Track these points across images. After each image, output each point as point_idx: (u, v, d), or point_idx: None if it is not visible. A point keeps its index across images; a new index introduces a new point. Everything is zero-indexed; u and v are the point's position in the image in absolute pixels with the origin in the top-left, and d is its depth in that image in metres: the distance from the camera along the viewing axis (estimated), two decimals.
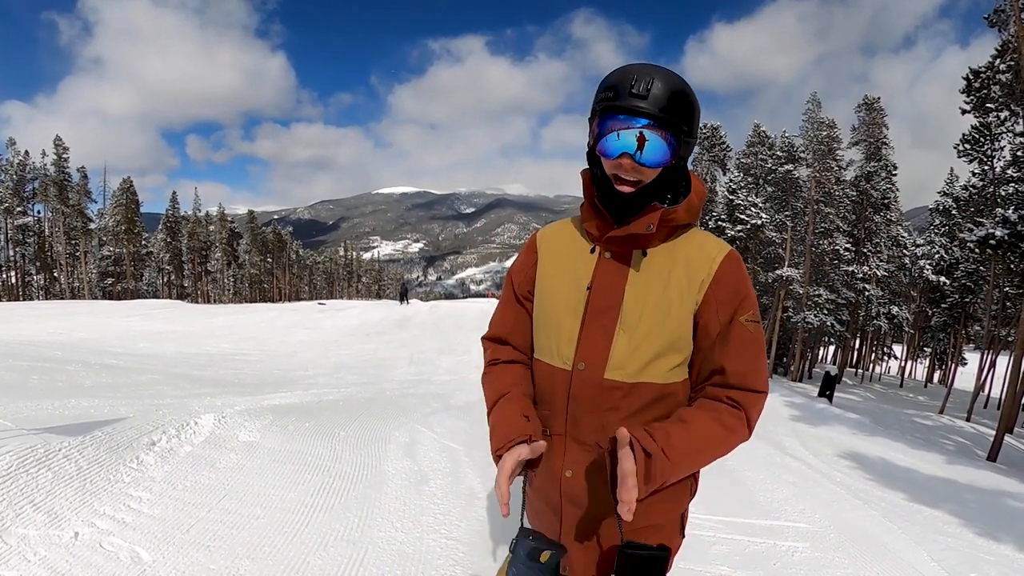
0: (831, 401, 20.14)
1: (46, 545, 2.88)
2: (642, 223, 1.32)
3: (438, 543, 3.56)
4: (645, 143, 1.24)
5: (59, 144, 52.09)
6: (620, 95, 1.25)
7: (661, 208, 1.33)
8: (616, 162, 1.28)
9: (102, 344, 13.22)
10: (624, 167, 1.28)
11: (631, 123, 1.24)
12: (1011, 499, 7.89)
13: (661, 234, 1.38)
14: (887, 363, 48.71)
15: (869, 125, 35.72)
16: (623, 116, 1.25)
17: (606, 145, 1.28)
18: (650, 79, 1.24)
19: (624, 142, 1.25)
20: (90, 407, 5.43)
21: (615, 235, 1.36)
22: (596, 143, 1.31)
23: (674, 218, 1.36)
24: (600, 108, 1.29)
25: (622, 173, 1.29)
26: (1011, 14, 16.84)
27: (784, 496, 5.60)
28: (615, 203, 1.36)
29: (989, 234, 15.39)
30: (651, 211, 1.33)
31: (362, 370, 16.13)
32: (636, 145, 1.25)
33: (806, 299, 32.55)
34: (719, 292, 1.34)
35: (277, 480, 4.30)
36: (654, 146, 1.25)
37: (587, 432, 1.41)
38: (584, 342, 1.40)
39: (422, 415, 7.33)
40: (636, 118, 1.24)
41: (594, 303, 1.40)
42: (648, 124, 1.24)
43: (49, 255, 53.39)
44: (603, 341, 1.38)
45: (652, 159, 1.26)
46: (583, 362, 1.39)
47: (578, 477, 1.43)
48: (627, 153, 1.25)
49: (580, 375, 1.40)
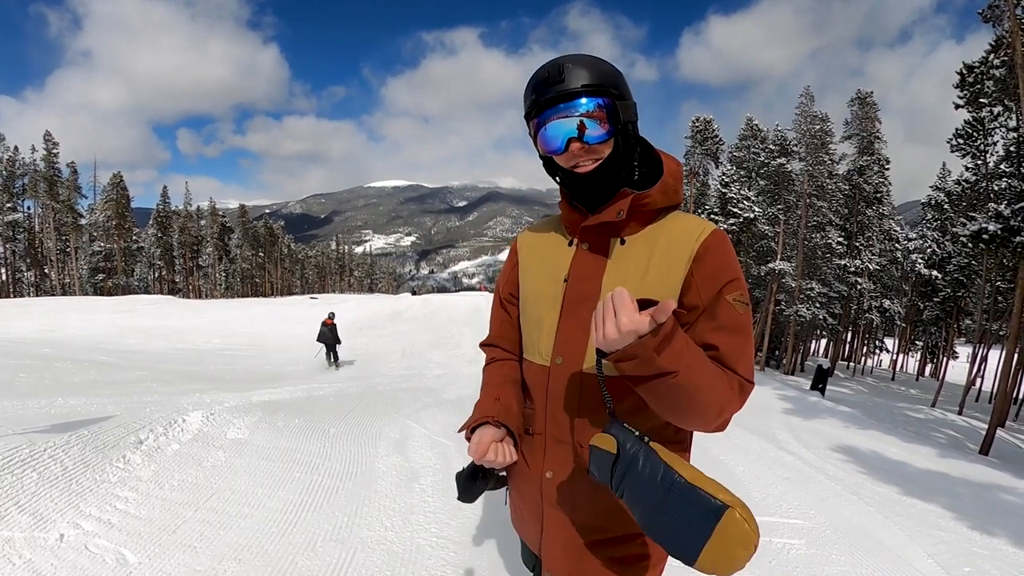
0: (823, 394, 20.22)
1: (31, 547, 2.83)
2: (612, 211, 1.30)
3: (428, 542, 3.52)
4: (585, 128, 1.24)
5: (49, 139, 51.76)
6: (541, 91, 1.25)
7: (632, 193, 1.30)
8: (568, 153, 1.27)
9: (92, 341, 13.13)
10: (576, 152, 1.26)
11: (565, 111, 1.24)
12: (1004, 493, 7.91)
13: (639, 219, 1.34)
14: (879, 356, 48.85)
15: (862, 119, 35.79)
16: (557, 107, 1.24)
17: (550, 142, 1.27)
18: (559, 65, 1.24)
19: (564, 130, 1.25)
20: (77, 405, 5.38)
21: (588, 224, 1.34)
22: (542, 147, 1.30)
23: (648, 202, 1.32)
24: (533, 112, 1.28)
25: (577, 159, 1.28)
26: (1005, 9, 16.84)
27: (779, 492, 5.59)
28: (586, 194, 1.34)
29: (982, 229, 15.40)
30: (621, 197, 1.31)
31: (354, 364, 16.09)
32: (577, 128, 1.24)
33: (798, 292, 32.63)
34: (702, 270, 1.27)
35: (266, 478, 4.25)
36: (594, 122, 1.24)
37: (567, 430, 1.37)
38: (562, 335, 1.37)
39: (413, 410, 7.29)
40: (567, 104, 1.23)
41: (571, 294, 1.37)
42: (583, 109, 1.23)
43: (39, 251, 53.07)
44: (581, 333, 1.34)
45: (598, 134, 1.25)
46: (561, 356, 1.36)
47: (559, 478, 1.39)
48: (572, 138, 1.25)
49: (558, 370, 1.37)
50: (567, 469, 1.38)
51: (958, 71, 19.62)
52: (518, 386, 1.54)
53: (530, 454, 1.44)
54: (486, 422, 1.41)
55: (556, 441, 1.39)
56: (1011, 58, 16.75)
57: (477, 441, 1.37)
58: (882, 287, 38.52)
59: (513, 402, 1.47)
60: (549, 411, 1.39)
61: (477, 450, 1.36)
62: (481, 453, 1.36)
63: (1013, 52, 16.01)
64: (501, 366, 1.60)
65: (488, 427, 1.40)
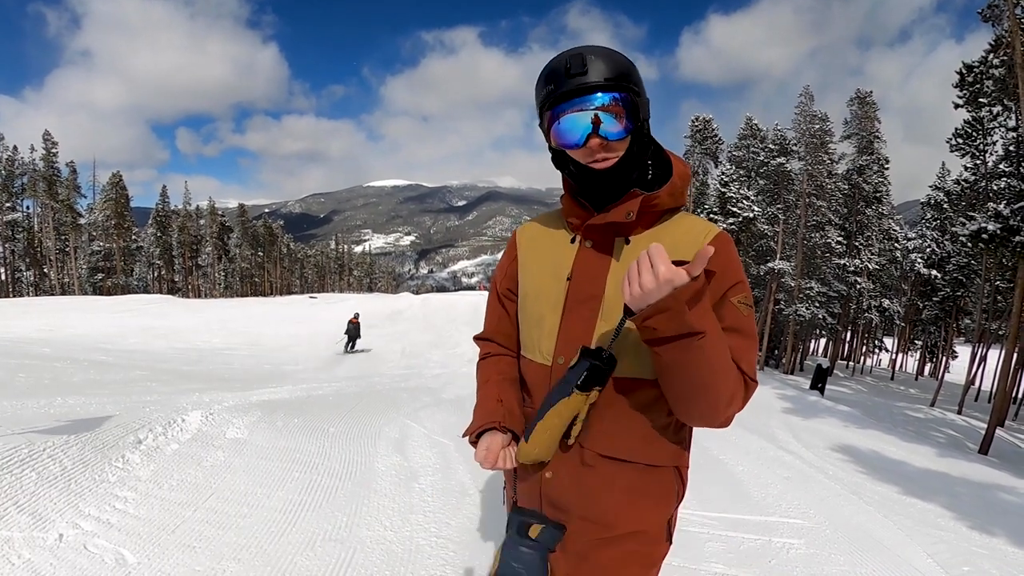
0: (823, 394, 20.21)
1: (30, 547, 2.83)
2: (621, 211, 1.28)
3: (428, 542, 3.51)
4: (601, 123, 1.21)
5: (48, 139, 51.71)
6: (561, 83, 1.21)
7: (642, 194, 1.29)
8: (586, 148, 1.24)
9: (91, 340, 13.12)
10: (594, 148, 1.23)
11: (584, 104, 1.20)
12: (1003, 492, 7.92)
13: (645, 220, 1.33)
14: (878, 356, 48.89)
15: (861, 119, 35.79)
16: (574, 100, 1.21)
17: (567, 136, 1.24)
18: (581, 56, 1.20)
19: (584, 124, 1.21)
20: (76, 405, 5.38)
21: (594, 223, 1.32)
22: (556, 140, 1.27)
23: (657, 203, 1.31)
24: (548, 104, 1.25)
25: (596, 155, 1.25)
26: (1005, 9, 16.83)
27: (778, 491, 5.59)
28: (595, 190, 1.32)
29: (981, 228, 15.39)
30: (630, 198, 1.29)
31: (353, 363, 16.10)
32: (592, 122, 1.21)
33: (798, 292, 32.62)
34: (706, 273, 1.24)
35: (265, 478, 4.25)
36: (610, 121, 1.21)
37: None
38: (563, 335, 1.36)
39: (412, 410, 7.29)
40: (587, 97, 1.20)
41: (574, 293, 1.35)
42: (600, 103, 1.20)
43: (39, 251, 53.05)
44: (583, 332, 1.33)
45: (616, 130, 1.22)
46: (563, 356, 1.35)
47: (558, 479, 1.38)
48: (591, 133, 1.21)
49: (560, 369, 1.34)
50: (568, 470, 1.37)
51: (957, 71, 19.60)
52: (517, 385, 1.53)
53: None
54: (492, 427, 1.40)
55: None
56: (1010, 58, 16.74)
57: (487, 448, 1.37)
58: (881, 286, 38.54)
59: (515, 404, 1.46)
60: None
61: (487, 458, 1.36)
62: (491, 462, 1.36)
63: (1012, 52, 16.00)
64: (498, 362, 1.58)
65: (495, 433, 1.39)
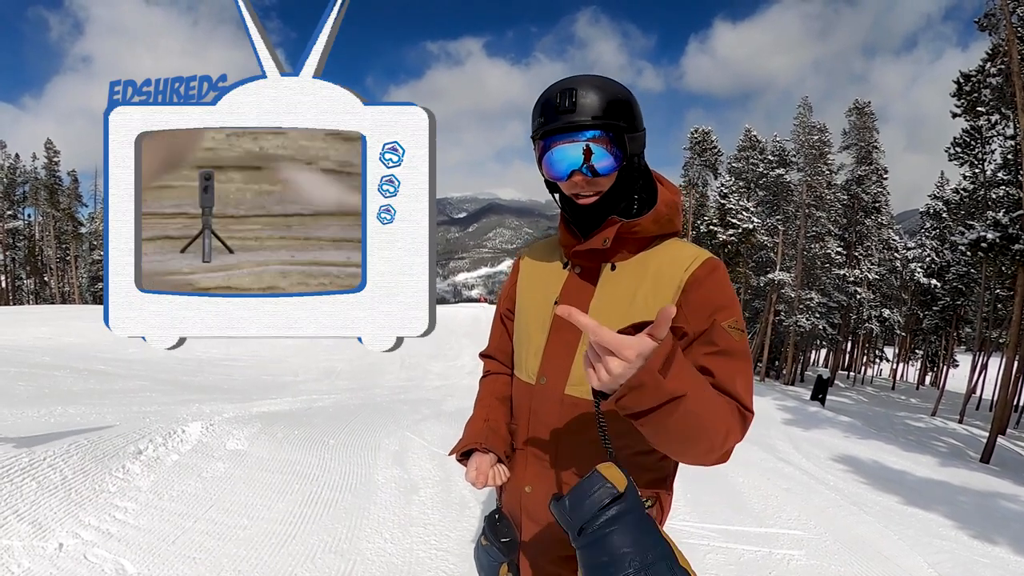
0: (823, 404, 20.20)
1: (30, 556, 2.82)
2: (599, 238, 1.31)
3: (428, 554, 3.50)
4: (591, 155, 1.23)
5: (50, 147, 51.80)
6: (550, 117, 1.24)
7: (620, 222, 1.30)
8: (570, 182, 1.27)
9: (91, 349, 13.10)
10: (579, 184, 1.27)
11: (572, 138, 1.23)
12: (1005, 501, 7.90)
13: (631, 247, 1.35)
14: (879, 366, 48.87)
15: (860, 129, 35.97)
16: (560, 135, 1.24)
17: (553, 168, 1.27)
18: (572, 91, 1.22)
19: (569, 160, 1.24)
20: (76, 414, 5.37)
21: (578, 250, 1.36)
22: (545, 171, 1.30)
23: (639, 230, 1.32)
24: (538, 135, 1.28)
25: (579, 190, 1.28)
26: (1001, 18, 16.96)
27: (779, 502, 5.57)
28: (581, 218, 1.36)
29: (980, 237, 15.46)
30: (608, 225, 1.31)
31: (352, 375, 16.06)
32: (583, 159, 1.23)
33: (798, 302, 32.64)
34: (691, 299, 1.25)
35: (265, 490, 4.24)
36: (600, 155, 1.23)
37: (546, 449, 1.40)
38: (547, 356, 1.40)
39: (412, 422, 7.27)
40: (574, 133, 1.23)
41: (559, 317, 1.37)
42: (588, 137, 1.23)
43: (39, 259, 53.05)
44: (566, 356, 1.36)
45: (602, 168, 1.24)
46: (545, 376, 1.39)
47: (537, 493, 1.41)
48: (576, 170, 1.25)
49: (541, 389, 1.39)
50: (545, 485, 1.40)
51: (955, 80, 19.71)
52: (507, 403, 1.58)
53: (512, 468, 1.47)
54: (474, 448, 1.45)
55: (536, 458, 1.42)
56: (1007, 66, 16.85)
57: (476, 469, 1.41)
58: (881, 296, 38.57)
59: (501, 424, 1.51)
60: (531, 429, 1.42)
61: (478, 479, 1.40)
62: (483, 482, 1.41)
63: (1009, 60, 16.12)
64: (494, 381, 1.65)
65: (479, 455, 1.44)
